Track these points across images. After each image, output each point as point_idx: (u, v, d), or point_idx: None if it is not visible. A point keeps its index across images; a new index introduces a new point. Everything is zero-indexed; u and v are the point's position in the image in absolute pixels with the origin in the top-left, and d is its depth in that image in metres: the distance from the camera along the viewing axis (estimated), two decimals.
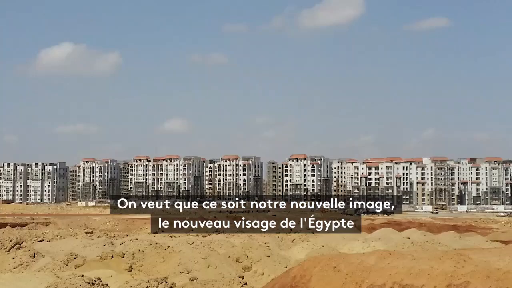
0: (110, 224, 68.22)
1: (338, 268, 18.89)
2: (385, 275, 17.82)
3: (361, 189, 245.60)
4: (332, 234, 44.53)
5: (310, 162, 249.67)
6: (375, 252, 20.83)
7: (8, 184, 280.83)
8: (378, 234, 43.78)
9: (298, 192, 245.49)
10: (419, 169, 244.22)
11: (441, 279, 16.96)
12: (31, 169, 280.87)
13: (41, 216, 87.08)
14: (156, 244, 31.43)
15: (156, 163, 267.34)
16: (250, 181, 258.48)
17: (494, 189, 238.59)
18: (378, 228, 53.96)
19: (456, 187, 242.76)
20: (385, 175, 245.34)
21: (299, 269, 20.01)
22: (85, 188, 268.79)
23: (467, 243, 40.47)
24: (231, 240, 37.49)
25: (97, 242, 35.51)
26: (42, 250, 31.99)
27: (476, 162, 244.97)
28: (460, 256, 18.64)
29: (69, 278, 23.35)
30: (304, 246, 35.91)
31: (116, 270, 26.82)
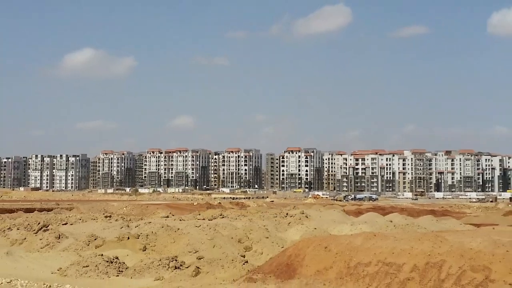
0: (126, 209, 68.23)
1: (329, 248, 18.92)
2: (370, 254, 17.85)
3: (349, 178, 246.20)
4: (324, 218, 44.64)
5: (304, 154, 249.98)
6: (361, 234, 20.85)
7: (36, 173, 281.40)
8: (364, 218, 43.79)
9: (293, 181, 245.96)
10: (401, 160, 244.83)
11: (420, 258, 16.99)
12: (57, 160, 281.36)
13: (65, 202, 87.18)
14: (167, 226, 31.47)
15: (167, 154, 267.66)
16: (250, 171, 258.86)
17: (467, 178, 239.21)
18: (364, 213, 53.94)
19: (434, 176, 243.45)
20: (370, 166, 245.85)
21: (294, 249, 20.04)
22: (104, 177, 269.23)
23: (443, 226, 40.53)
24: (234, 223, 37.51)
25: (115, 225, 35.51)
26: (66, 232, 32.01)
27: (451, 154, 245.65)
28: (437, 237, 18.66)
29: (90, 256, 23.39)
30: (299, 228, 35.94)
31: (132, 250, 26.86)
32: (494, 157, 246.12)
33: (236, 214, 52.99)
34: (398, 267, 16.93)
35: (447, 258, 16.60)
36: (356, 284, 16.98)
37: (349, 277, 17.33)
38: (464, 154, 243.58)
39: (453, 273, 16.03)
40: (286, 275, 18.43)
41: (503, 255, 16.31)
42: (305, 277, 17.96)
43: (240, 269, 20.75)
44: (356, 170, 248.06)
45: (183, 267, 21.79)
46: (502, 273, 15.54)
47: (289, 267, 18.78)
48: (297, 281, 17.91)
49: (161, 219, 43.08)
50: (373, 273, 17.09)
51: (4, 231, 33.34)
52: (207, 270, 20.84)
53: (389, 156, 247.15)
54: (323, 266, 18.13)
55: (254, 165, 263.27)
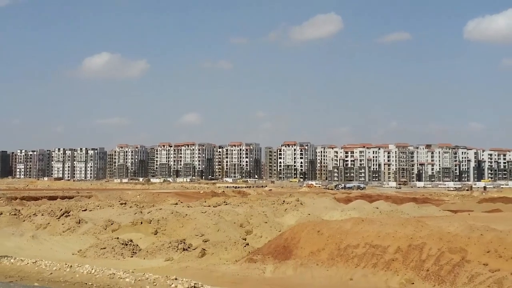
0: (140, 197, 68.17)
1: (321, 232, 18.91)
2: (358, 237, 17.84)
3: (339, 169, 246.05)
4: (317, 205, 44.61)
5: (299, 147, 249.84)
6: (350, 219, 20.84)
7: (59, 165, 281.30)
8: (353, 205, 43.72)
9: (289, 171, 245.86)
10: (386, 153, 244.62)
11: (403, 241, 16.98)
12: (77, 153, 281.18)
13: (85, 191, 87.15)
14: (177, 212, 31.45)
15: (176, 148, 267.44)
16: (251, 163, 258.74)
17: (445, 169, 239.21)
18: (353, 200, 53.86)
19: (415, 167, 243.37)
20: (358, 158, 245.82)
21: (290, 233, 20.03)
22: (120, 168, 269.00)
23: (424, 212, 40.51)
24: (236, 209, 37.49)
25: (129, 211, 35.51)
26: (85, 217, 32.01)
27: (431, 147, 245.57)
28: (419, 222, 18.65)
29: (107, 239, 23.39)
30: (294, 214, 35.91)
31: (145, 234, 26.85)
32: (470, 150, 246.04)
33: (238, 201, 53.00)
34: (383, 249, 16.93)
35: (428, 241, 16.60)
36: (346, 264, 16.98)
37: (340, 258, 17.33)
38: (442, 148, 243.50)
39: (433, 254, 16.03)
40: (283, 256, 18.43)
41: (477, 238, 16.30)
42: (300, 258, 17.96)
43: (242, 251, 20.75)
44: (345, 162, 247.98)
45: (191, 249, 21.78)
46: (477, 255, 15.54)
47: (286, 249, 18.78)
48: (293, 262, 17.92)
49: (170, 206, 43.05)
50: (361, 254, 17.09)
51: (30, 217, 33.35)
52: (212, 251, 20.83)
53: (375, 149, 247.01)
54: (316, 248, 18.13)
55: (254, 158, 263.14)
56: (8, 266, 15.17)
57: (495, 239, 16.06)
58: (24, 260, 15.59)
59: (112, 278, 12.99)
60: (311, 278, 16.43)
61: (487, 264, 15.03)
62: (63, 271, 13.97)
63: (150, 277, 12.74)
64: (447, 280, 14.90)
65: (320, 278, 16.38)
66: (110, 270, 13.78)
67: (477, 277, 14.63)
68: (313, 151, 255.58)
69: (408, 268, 15.82)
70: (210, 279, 15.30)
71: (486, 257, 15.29)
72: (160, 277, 12.75)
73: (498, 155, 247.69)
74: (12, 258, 16.13)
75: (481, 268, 14.93)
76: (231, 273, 17.54)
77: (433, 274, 15.25)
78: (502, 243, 15.77)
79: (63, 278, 13.35)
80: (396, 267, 16.02)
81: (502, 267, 14.76)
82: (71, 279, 13.19)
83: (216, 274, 17.32)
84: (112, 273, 13.36)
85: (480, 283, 14.40)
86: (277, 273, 17.31)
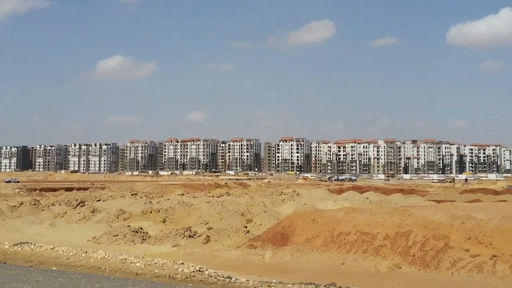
0: (149, 188, 68.13)
1: (316, 220, 18.92)
2: (350, 225, 17.85)
3: (332, 163, 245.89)
4: (312, 195, 44.61)
5: (295, 143, 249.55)
6: (343, 209, 20.84)
7: (75, 159, 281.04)
8: (345, 196, 43.72)
9: (287, 165, 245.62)
10: (375, 148, 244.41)
11: (391, 228, 16.99)
12: (91, 148, 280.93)
13: (99, 182, 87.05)
14: (183, 202, 31.45)
15: (182, 143, 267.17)
16: (251, 157, 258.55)
17: (430, 162, 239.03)
18: (345, 191, 53.86)
19: (402, 161, 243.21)
20: (350, 152, 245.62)
21: (287, 221, 20.04)
22: (131, 162, 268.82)
23: (410, 202, 40.48)
24: (238, 199, 37.48)
25: (140, 201, 35.50)
26: (99, 207, 32.03)
27: (417, 143, 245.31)
28: (405, 211, 18.65)
29: (119, 227, 23.40)
30: (291, 204, 35.87)
31: (154, 222, 26.87)
32: (452, 146, 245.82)
33: (240, 192, 52.99)
34: (373, 236, 16.94)
35: (414, 229, 16.61)
36: (338, 250, 16.99)
37: (333, 244, 17.34)
38: (427, 143, 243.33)
39: (419, 241, 16.04)
40: (280, 243, 18.44)
41: (459, 226, 16.31)
42: (297, 244, 17.97)
43: (243, 238, 20.75)
44: (338, 156, 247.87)
45: (196, 236, 21.79)
46: (458, 241, 15.55)
47: (283, 236, 18.79)
48: (289, 248, 17.93)
49: (177, 196, 43.05)
50: (353, 241, 17.10)
51: (48, 206, 33.36)
52: (216, 238, 20.85)
53: (365, 145, 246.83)
54: (311, 235, 18.14)
55: (254, 152, 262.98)
56: (28, 251, 15.17)
57: (476, 227, 16.06)
58: (43, 246, 15.59)
59: (124, 263, 12.99)
60: (307, 263, 16.44)
61: (468, 249, 15.04)
62: (79, 257, 13.96)
63: (159, 262, 12.73)
64: (431, 264, 14.92)
65: (315, 262, 16.40)
66: (122, 255, 13.77)
67: (459, 262, 14.64)
68: (309, 146, 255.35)
69: (395, 253, 15.83)
70: (214, 264, 15.31)
71: (467, 244, 15.31)
72: (168, 261, 12.75)
73: (478, 150, 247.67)
74: (32, 244, 16.14)
75: (463, 253, 14.94)
76: (233, 258, 17.55)
77: (419, 259, 15.26)
78: (482, 230, 15.78)
79: (79, 263, 13.35)
80: (384, 253, 16.03)
81: (482, 252, 14.78)
82: (86, 264, 13.19)
83: (219, 259, 17.33)
84: (124, 258, 13.35)
85: (462, 267, 14.41)
86: (275, 258, 17.32)
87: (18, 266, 12.80)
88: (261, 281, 11.17)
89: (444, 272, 14.37)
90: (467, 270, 14.21)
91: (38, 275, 11.39)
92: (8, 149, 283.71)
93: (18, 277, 11.13)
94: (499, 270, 13.89)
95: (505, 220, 16.31)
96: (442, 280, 13.55)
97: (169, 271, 11.95)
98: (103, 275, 11.64)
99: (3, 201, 35.66)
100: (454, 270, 14.36)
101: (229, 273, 12.71)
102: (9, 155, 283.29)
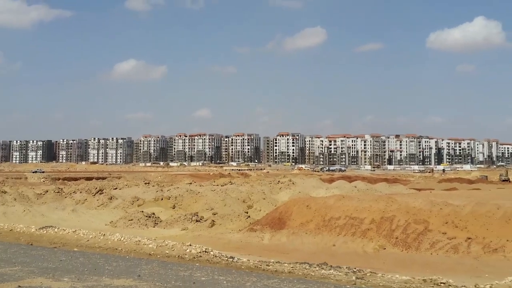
0: (160, 177, 68.14)
1: (310, 206, 18.90)
2: (340, 211, 17.84)
3: (324, 155, 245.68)
4: (306, 184, 44.58)
5: (291, 137, 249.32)
6: (333, 196, 20.84)
7: (94, 151, 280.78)
8: (335, 184, 43.72)
9: (283, 157, 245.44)
10: (362, 142, 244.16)
11: (377, 213, 16.98)
12: (109, 142, 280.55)
13: (115, 172, 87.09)
14: (191, 190, 31.47)
15: (190, 137, 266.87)
16: (252, 150, 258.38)
17: (411, 155, 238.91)
18: (335, 180, 53.84)
19: (387, 153, 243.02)
20: (340, 146, 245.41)
21: (284, 207, 20.03)
22: (144, 154, 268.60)
23: (394, 190, 40.51)
24: (240, 188, 37.46)
25: (152, 189, 35.49)
26: (116, 195, 32.02)
27: (399, 137, 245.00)
28: (389, 198, 18.64)
29: (134, 212, 23.39)
30: (288, 192, 35.88)
31: (165, 208, 26.87)
32: (431, 140, 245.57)
33: (241, 181, 52.97)
34: (360, 220, 16.94)
35: (397, 214, 16.60)
36: (329, 233, 16.99)
37: (325, 228, 17.34)
38: (409, 137, 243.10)
39: (401, 225, 16.03)
40: (278, 226, 18.44)
41: (438, 212, 16.30)
42: (292, 228, 17.97)
43: (244, 222, 20.75)
44: (329, 149, 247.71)
45: (202, 220, 21.79)
46: (437, 225, 15.55)
47: (280, 220, 18.79)
48: (286, 231, 17.93)
49: (186, 185, 43.02)
50: (342, 225, 17.10)
51: (70, 194, 33.36)
52: (220, 222, 20.85)
53: (354, 139, 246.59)
54: (305, 219, 18.14)
55: (255, 145, 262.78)
56: (52, 234, 15.17)
57: (452, 212, 16.06)
58: (66, 230, 15.58)
59: (138, 244, 12.98)
60: (301, 244, 16.45)
61: (445, 232, 15.04)
62: (98, 239, 13.96)
63: (169, 244, 12.73)
64: (412, 246, 14.92)
65: (309, 244, 16.40)
66: (136, 237, 13.77)
67: (437, 244, 14.64)
68: (303, 140, 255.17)
69: (380, 236, 15.83)
70: (218, 245, 15.31)
71: (444, 227, 15.31)
72: (177, 243, 12.74)
73: (454, 143, 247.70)
74: (56, 228, 16.13)
75: (441, 236, 14.94)
76: (235, 240, 17.56)
77: (401, 241, 15.26)
78: (458, 215, 15.78)
79: (98, 244, 13.35)
80: (371, 235, 16.03)
81: (457, 235, 14.78)
82: (104, 245, 13.19)
83: (223, 241, 17.34)
84: (138, 240, 13.35)
85: (440, 248, 14.41)
86: (273, 240, 17.33)
87: (44, 247, 12.80)
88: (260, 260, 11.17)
89: (424, 253, 14.38)
90: (445, 251, 14.22)
91: (61, 255, 11.39)
92: (34, 143, 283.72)
93: (43, 257, 11.12)
94: (473, 251, 13.90)
95: (479, 206, 16.31)
96: (422, 260, 13.56)
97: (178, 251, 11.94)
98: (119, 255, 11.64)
99: (30, 190, 35.68)
100: (433, 251, 14.36)
101: (232, 253, 12.71)
102: (35, 148, 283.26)
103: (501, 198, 19.28)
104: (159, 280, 8.53)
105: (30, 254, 11.56)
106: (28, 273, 9.12)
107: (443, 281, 8.47)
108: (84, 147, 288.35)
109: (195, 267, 10.10)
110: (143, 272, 9.34)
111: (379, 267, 11.60)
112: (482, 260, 13.31)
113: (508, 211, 15.46)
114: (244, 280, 8.67)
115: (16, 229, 16.49)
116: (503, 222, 14.88)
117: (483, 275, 11.16)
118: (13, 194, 31.58)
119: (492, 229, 14.64)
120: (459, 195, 24.07)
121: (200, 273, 9.34)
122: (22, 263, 10.19)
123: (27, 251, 11.98)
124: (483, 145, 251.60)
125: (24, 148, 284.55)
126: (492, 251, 13.63)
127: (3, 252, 11.82)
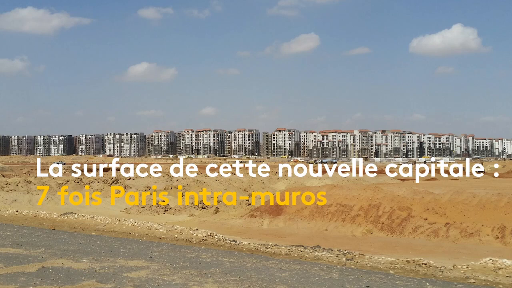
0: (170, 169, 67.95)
1: (304, 195, 18.89)
2: (332, 199, 17.84)
3: (317, 148, 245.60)
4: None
5: (288, 132, 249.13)
6: (326, 185, 20.83)
7: (110, 145, 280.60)
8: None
9: (281, 150, 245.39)
10: (352, 137, 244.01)
11: (365, 201, 16.98)
12: (124, 136, 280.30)
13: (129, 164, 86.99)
14: (197, 180, 31.47)
15: (197, 133, 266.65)
16: (252, 144, 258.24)
17: (396, 148, 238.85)
18: None
19: (374, 147, 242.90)
20: (331, 140, 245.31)
21: (281, 196, 20.02)
22: (155, 148, 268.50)
23: (380, 180, 40.56)
24: (241, 178, 37.51)
25: (163, 179, 35.52)
26: (130, 184, 32.03)
27: (385, 132, 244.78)
28: (376, 188, 18.64)
29: (146, 200, 23.38)
30: (284, 182, 35.95)
31: (174, 196, 26.86)
32: (414, 135, 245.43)
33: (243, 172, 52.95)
34: (350, 208, 16.94)
35: (383, 201, 16.60)
36: (322, 219, 17.00)
37: (317, 214, 17.35)
38: (394, 133, 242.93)
39: (387, 211, 16.03)
40: (275, 213, 18.45)
41: (419, 199, 16.30)
42: (288, 214, 17.98)
43: (245, 209, 20.75)
44: (322, 143, 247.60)
45: (208, 207, 21.80)
46: (419, 211, 15.55)
47: (278, 207, 18.79)
48: (283, 217, 17.94)
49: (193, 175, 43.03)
50: (333, 211, 17.10)
51: (89, 184, 33.32)
52: (223, 209, 20.85)
53: (344, 134, 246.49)
54: (300, 207, 18.14)
55: (255, 140, 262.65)
56: (73, 220, 15.16)
57: (432, 200, 16.06)
58: (85, 216, 15.58)
59: (150, 229, 12.98)
60: (297, 229, 16.46)
61: (426, 218, 15.05)
62: (114, 224, 13.96)
63: (178, 228, 12.72)
64: (397, 230, 14.93)
65: (303, 229, 16.42)
66: (148, 223, 13.77)
67: (419, 228, 14.65)
68: (298, 135, 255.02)
69: (368, 221, 15.83)
70: (222, 230, 15.33)
71: (426, 213, 15.31)
72: (185, 228, 12.74)
73: (435, 138, 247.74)
74: (76, 214, 16.12)
75: (422, 221, 14.95)
76: (237, 225, 17.58)
77: (387, 226, 15.27)
78: (437, 203, 15.78)
79: (113, 229, 13.34)
80: (359, 221, 16.04)
81: (437, 220, 14.79)
82: (119, 230, 13.19)
83: (226, 226, 17.35)
84: (150, 225, 13.34)
85: (421, 233, 14.42)
86: (272, 225, 17.34)
87: (65, 232, 12.79)
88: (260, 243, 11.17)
89: (407, 237, 14.39)
90: (426, 235, 14.23)
91: (81, 239, 11.39)
92: (56, 137, 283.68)
93: (64, 240, 11.12)
94: (451, 235, 13.90)
95: (456, 195, 16.31)
96: (405, 243, 13.56)
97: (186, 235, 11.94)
98: (133, 239, 11.63)
99: (53, 180, 35.65)
100: (415, 235, 14.38)
101: (234, 237, 12.71)
102: (57, 142, 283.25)
103: (476, 188, 19.28)
104: (169, 261, 8.54)
105: (52, 237, 11.56)
106: (51, 255, 9.11)
107: (424, 262, 8.47)
108: (101, 141, 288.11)
109: (201, 249, 10.10)
110: (154, 254, 9.34)
111: (366, 250, 11.61)
112: (460, 243, 13.32)
113: (483, 199, 15.46)
114: (245, 261, 8.67)
115: (40, 215, 16.49)
116: (478, 209, 14.88)
117: (461, 257, 11.17)
118: (37, 183, 31.56)
119: (468, 215, 14.65)
120: (438, 185, 24.11)
121: (206, 254, 9.34)
122: (45, 246, 10.19)
123: (50, 235, 11.98)
124: (461, 139, 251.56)
125: (47, 142, 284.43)
126: (468, 235, 13.64)
127: (28, 236, 11.82)
